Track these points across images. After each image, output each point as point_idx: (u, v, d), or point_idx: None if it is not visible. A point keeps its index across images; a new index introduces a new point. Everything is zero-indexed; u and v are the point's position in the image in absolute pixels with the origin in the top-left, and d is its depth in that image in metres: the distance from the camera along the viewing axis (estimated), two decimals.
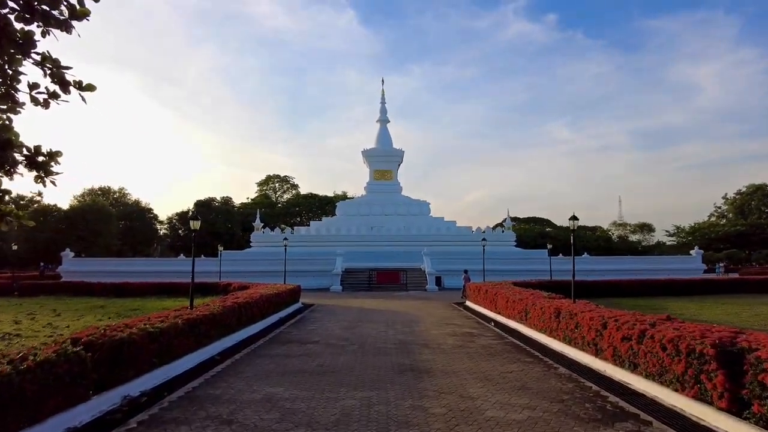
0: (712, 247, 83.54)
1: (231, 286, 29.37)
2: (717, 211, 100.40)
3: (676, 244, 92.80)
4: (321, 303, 27.98)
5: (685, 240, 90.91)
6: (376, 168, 59.63)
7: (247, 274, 40.87)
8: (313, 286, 40.12)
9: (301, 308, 25.44)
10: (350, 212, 56.21)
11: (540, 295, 17.94)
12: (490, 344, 14.46)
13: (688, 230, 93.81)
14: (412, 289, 37.93)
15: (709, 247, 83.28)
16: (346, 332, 16.66)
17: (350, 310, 24.22)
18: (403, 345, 14.15)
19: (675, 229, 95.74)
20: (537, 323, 15.57)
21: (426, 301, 28.95)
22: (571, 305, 14.14)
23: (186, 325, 11.95)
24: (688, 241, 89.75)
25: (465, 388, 9.48)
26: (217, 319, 13.87)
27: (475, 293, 24.69)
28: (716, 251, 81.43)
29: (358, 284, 39.27)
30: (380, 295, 33.02)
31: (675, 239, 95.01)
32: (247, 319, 16.73)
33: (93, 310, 22.91)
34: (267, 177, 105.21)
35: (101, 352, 8.67)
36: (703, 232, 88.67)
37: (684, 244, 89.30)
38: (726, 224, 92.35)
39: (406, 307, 25.02)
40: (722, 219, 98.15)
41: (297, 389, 9.49)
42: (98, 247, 63.98)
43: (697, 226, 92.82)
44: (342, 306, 26.30)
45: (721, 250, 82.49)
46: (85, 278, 38.00)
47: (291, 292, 24.14)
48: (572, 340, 12.96)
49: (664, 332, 9.04)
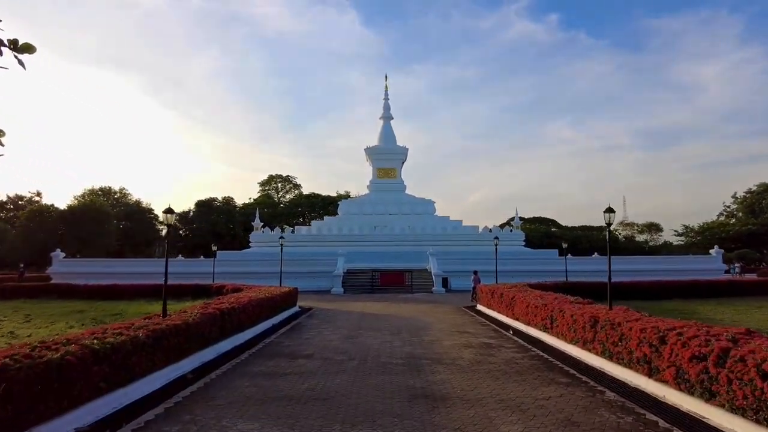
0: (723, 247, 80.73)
1: (224, 288, 27.22)
2: (726, 210, 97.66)
3: (684, 244, 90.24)
4: (320, 306, 25.77)
5: (694, 240, 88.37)
6: (379, 166, 57.36)
7: (245, 276, 38.77)
8: (313, 287, 37.92)
9: (298, 312, 23.24)
10: (353, 211, 53.95)
11: (565, 299, 15.67)
12: (514, 359, 12.21)
13: (697, 230, 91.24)
14: (417, 291, 35.67)
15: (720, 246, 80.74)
16: (345, 343, 14.44)
17: (351, 314, 22.01)
18: (411, 360, 11.92)
19: (684, 228, 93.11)
20: (566, 333, 13.32)
21: (433, 304, 26.70)
22: (610, 313, 11.89)
23: (150, 338, 9.77)
24: (698, 241, 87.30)
25: (494, 425, 7.26)
26: (192, 329, 11.68)
27: (488, 296, 22.41)
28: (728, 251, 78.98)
29: (361, 286, 37.01)
30: (384, 298, 30.79)
31: (684, 239, 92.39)
32: (233, 328, 14.54)
33: (70, 315, 20.79)
34: (269, 177, 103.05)
35: (16, 382, 6.48)
36: (714, 232, 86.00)
37: (693, 243, 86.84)
38: (736, 223, 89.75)
39: (412, 312, 22.80)
40: (731, 218, 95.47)
41: (277, 426, 7.28)
42: (96, 247, 61.93)
43: (707, 225, 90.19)
44: (342, 310, 24.09)
45: (732, 250, 79.89)
46: (75, 280, 35.95)
47: (286, 295, 21.94)
48: (614, 355, 10.72)
49: (760, 353, 6.79)
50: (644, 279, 33.14)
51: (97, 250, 61.74)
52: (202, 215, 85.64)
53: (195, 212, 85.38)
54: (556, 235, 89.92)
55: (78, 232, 61.41)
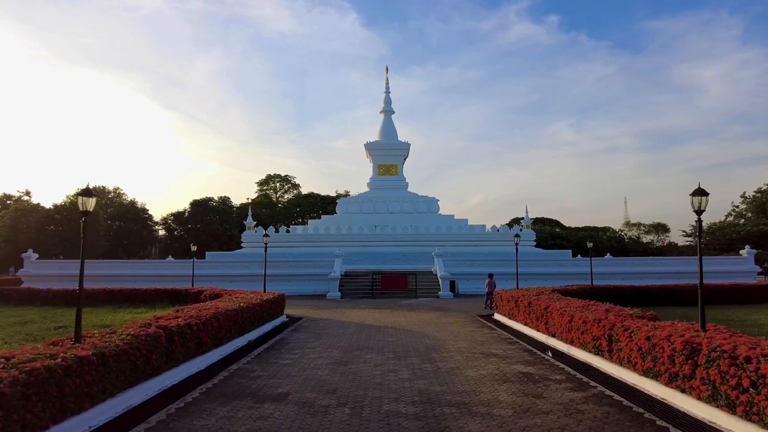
0: (734, 248, 77.62)
1: (203, 293, 23.46)
2: (735, 211, 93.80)
3: (692, 245, 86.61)
4: (312, 315, 21.96)
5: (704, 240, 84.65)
6: (380, 162, 53.41)
7: (235, 279, 35.09)
8: (308, 292, 34.14)
9: (285, 323, 19.42)
10: (352, 210, 50.01)
11: (624, 313, 11.87)
12: (574, 402, 8.40)
13: (706, 230, 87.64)
14: (422, 295, 31.83)
15: (731, 247, 77.42)
16: (334, 373, 10.64)
17: (347, 326, 18.19)
18: (427, 407, 8.11)
19: (692, 228, 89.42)
20: (636, 361, 9.53)
21: (443, 312, 22.88)
22: (713, 338, 8.10)
23: (25, 385, 6.04)
24: (708, 242, 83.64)
25: None
26: (110, 362, 7.92)
27: (510, 305, 18.55)
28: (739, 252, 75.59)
29: (360, 290, 33.15)
30: (386, 304, 26.98)
31: (692, 239, 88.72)
32: (187, 352, 10.76)
33: (12, 327, 17.00)
34: (267, 176, 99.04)
35: None
36: (725, 232, 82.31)
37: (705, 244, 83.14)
38: (746, 224, 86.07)
39: (419, 323, 18.99)
40: (740, 219, 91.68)
41: None
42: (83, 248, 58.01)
43: (717, 225, 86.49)
44: (337, 320, 20.27)
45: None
46: (48, 283, 32.22)
47: (270, 303, 18.12)
48: (739, 406, 6.92)
49: None
50: (674, 282, 29.43)
51: (85, 251, 57.83)
52: (198, 215, 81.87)
53: (190, 212, 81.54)
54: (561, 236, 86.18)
55: (64, 232, 57.64)
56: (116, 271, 36.43)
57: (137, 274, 35.79)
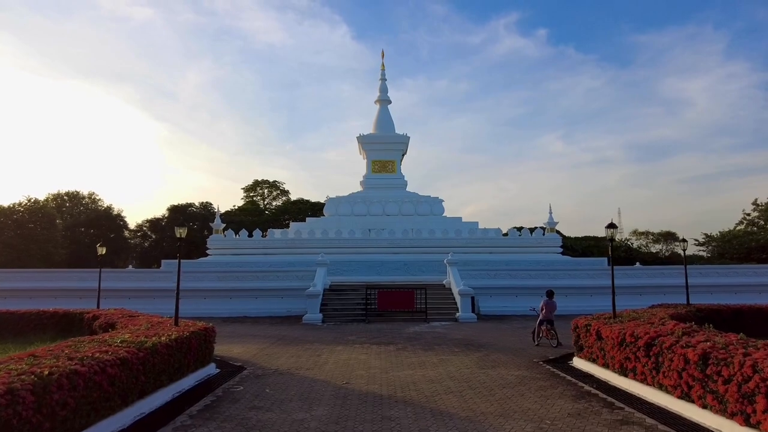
0: (751, 257, 69.61)
1: (96, 322, 14.24)
2: (746, 219, 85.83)
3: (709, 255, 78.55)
4: (265, 361, 12.82)
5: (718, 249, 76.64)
6: (374, 158, 44.51)
7: (195, 294, 25.15)
8: (280, 312, 24.93)
9: (205, 382, 10.27)
10: (342, 211, 40.90)
11: None
12: None
13: (717, 239, 79.82)
14: (434, 317, 22.70)
15: (748, 257, 69.36)
16: None
17: (316, 398, 9.12)
18: None
19: (705, 237, 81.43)
20: None
21: (479, 353, 13.80)
22: None
23: None
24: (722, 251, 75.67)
25: None
26: None
27: (618, 350, 9.48)
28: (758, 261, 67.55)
29: (349, 310, 23.88)
30: (386, 334, 17.91)
31: (705, 249, 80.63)
32: None
33: None
34: (254, 182, 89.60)
35: None
36: (741, 241, 74.20)
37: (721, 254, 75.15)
38: (759, 231, 78.34)
39: (453, 384, 9.95)
40: (752, 227, 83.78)
41: None
42: (32, 257, 48.48)
43: (731, 233, 78.54)
44: (303, 375, 11.17)
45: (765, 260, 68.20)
46: None
47: (176, 347, 9.00)
48: None
49: None
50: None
51: (33, 260, 48.35)
52: (177, 222, 72.52)
53: (168, 218, 72.12)
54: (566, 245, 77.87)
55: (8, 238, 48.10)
56: (40, 284, 27.07)
57: (67, 287, 26.47)
